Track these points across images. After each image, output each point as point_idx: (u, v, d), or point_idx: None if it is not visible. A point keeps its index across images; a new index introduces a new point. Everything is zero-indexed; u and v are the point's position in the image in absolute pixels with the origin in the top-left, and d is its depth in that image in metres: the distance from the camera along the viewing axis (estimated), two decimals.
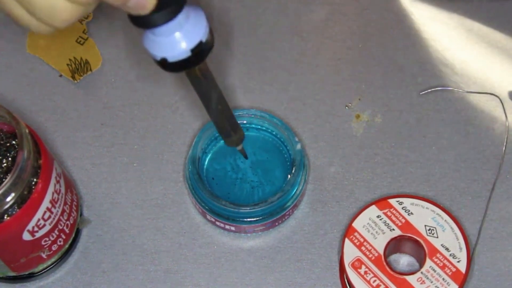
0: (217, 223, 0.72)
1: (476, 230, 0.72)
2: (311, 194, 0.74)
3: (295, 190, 0.71)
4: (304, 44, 0.81)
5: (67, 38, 0.81)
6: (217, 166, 0.74)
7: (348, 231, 0.69)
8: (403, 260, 0.71)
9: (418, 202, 0.70)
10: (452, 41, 0.81)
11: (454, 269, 0.68)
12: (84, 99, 0.79)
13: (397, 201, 0.70)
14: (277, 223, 0.72)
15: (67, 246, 0.71)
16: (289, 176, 0.72)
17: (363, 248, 0.69)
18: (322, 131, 0.77)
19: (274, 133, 0.74)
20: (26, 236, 0.65)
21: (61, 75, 0.80)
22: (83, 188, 0.75)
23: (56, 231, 0.67)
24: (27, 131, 0.63)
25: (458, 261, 0.68)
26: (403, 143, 0.76)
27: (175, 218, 0.74)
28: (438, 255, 0.68)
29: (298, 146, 0.72)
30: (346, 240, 0.69)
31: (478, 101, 0.78)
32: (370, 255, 0.68)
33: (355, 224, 0.70)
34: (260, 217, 0.71)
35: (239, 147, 0.69)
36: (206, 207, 0.71)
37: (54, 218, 0.66)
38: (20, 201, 0.62)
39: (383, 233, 0.69)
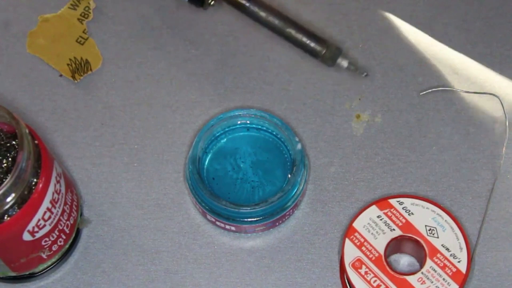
0: (218, 223, 0.72)
1: (476, 230, 0.72)
2: (312, 194, 0.74)
3: (295, 190, 0.71)
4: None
5: (67, 38, 0.81)
6: (217, 166, 0.74)
7: (349, 231, 0.69)
8: (404, 260, 0.71)
9: (419, 202, 0.70)
10: (452, 41, 0.81)
11: (454, 269, 0.68)
12: (84, 99, 0.78)
13: (398, 201, 0.70)
14: (277, 223, 0.72)
15: (67, 246, 0.71)
16: (289, 176, 0.72)
17: (363, 248, 0.69)
18: (322, 131, 0.77)
19: (274, 133, 0.74)
20: (26, 237, 0.65)
21: (61, 75, 0.80)
22: (84, 188, 0.75)
23: (56, 231, 0.67)
24: (27, 131, 0.63)
25: (459, 261, 0.68)
26: (403, 143, 0.76)
27: (175, 218, 0.74)
28: (438, 255, 0.68)
29: (298, 146, 0.72)
30: (347, 240, 0.69)
31: (478, 101, 0.78)
32: (371, 255, 0.68)
33: (355, 224, 0.70)
34: (261, 217, 0.71)
35: (344, 64, 0.74)
36: (207, 207, 0.71)
37: (54, 218, 0.66)
38: (20, 202, 0.62)
39: (384, 233, 0.69)
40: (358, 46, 0.81)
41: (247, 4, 0.75)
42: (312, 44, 0.76)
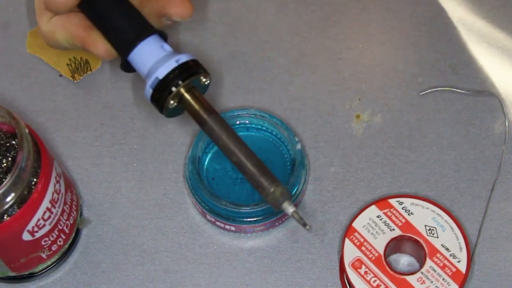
0: (217, 223, 0.72)
1: (476, 230, 0.72)
2: (311, 194, 0.74)
3: (295, 190, 0.71)
4: (304, 44, 0.81)
5: None
6: (217, 166, 0.74)
7: (348, 231, 0.69)
8: (403, 260, 0.71)
9: (418, 202, 0.70)
10: (453, 41, 0.81)
11: (454, 269, 0.68)
12: (84, 99, 0.78)
13: (397, 201, 0.70)
14: (277, 223, 0.72)
15: (67, 246, 0.71)
16: (289, 176, 0.72)
17: (363, 248, 0.69)
18: (322, 131, 0.77)
19: (274, 133, 0.74)
20: (26, 236, 0.65)
21: (61, 75, 0.80)
22: (83, 188, 0.75)
23: (56, 231, 0.67)
24: (27, 131, 0.63)
25: (458, 261, 0.68)
26: (403, 143, 0.76)
27: (175, 218, 0.73)
28: (438, 255, 0.68)
29: (298, 146, 0.72)
30: (346, 240, 0.69)
31: (478, 101, 0.78)
32: (370, 255, 0.68)
33: (355, 224, 0.70)
34: (260, 217, 0.71)
35: (289, 209, 0.57)
36: (206, 207, 0.71)
37: (54, 218, 0.66)
38: (20, 201, 0.62)
39: (383, 233, 0.69)
40: (358, 46, 0.81)
41: (206, 118, 0.61)
42: (261, 180, 0.59)
